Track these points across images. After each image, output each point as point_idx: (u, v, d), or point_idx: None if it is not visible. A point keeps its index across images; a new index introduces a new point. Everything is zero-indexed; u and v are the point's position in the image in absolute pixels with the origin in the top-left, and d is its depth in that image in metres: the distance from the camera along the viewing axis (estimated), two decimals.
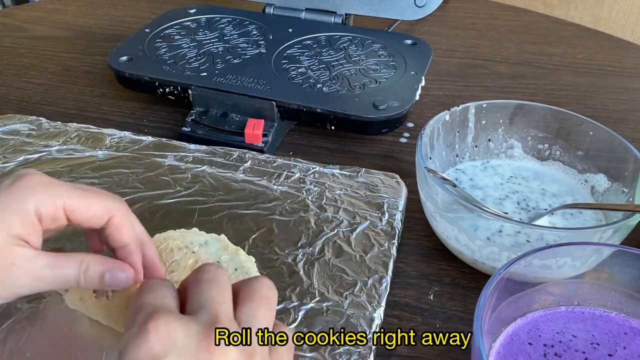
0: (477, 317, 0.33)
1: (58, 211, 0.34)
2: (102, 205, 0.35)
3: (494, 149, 0.57)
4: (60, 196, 0.34)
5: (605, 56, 0.83)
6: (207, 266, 0.32)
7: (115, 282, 0.35)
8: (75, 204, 0.34)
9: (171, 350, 0.26)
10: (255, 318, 0.30)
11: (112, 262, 0.36)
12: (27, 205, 0.33)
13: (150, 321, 0.27)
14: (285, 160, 0.56)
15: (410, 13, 0.74)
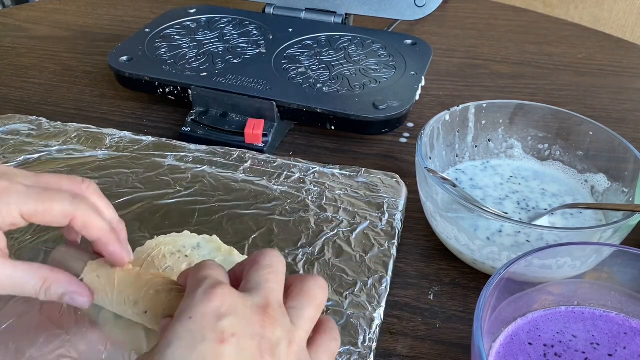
0: (477, 317, 0.33)
1: (15, 218, 0.35)
2: (60, 209, 0.36)
3: (494, 149, 0.57)
4: (15, 204, 0.34)
5: (605, 56, 0.83)
6: (269, 252, 0.33)
7: (74, 303, 0.37)
8: (32, 210, 0.35)
9: (233, 312, 0.29)
10: (301, 313, 0.31)
11: (74, 285, 0.37)
12: None
13: (216, 288, 0.29)
14: (285, 160, 0.56)
15: (410, 13, 0.74)
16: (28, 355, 0.38)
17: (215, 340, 0.27)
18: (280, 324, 0.30)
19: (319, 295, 0.33)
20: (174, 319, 0.29)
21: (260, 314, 0.29)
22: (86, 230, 0.37)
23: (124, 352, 0.38)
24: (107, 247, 0.37)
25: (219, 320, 0.28)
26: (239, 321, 0.28)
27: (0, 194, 0.34)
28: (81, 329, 0.39)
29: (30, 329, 0.39)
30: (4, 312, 0.40)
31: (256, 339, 0.28)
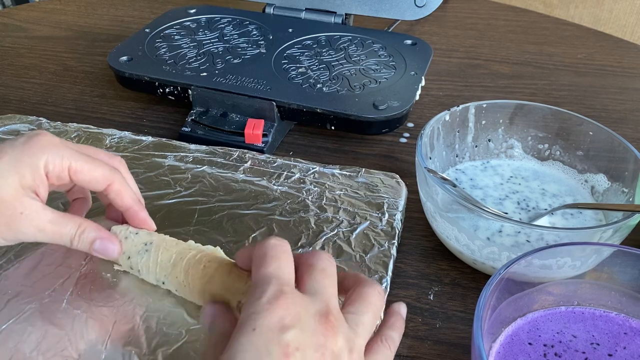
0: (477, 317, 0.33)
1: (64, 171, 0.39)
2: (101, 173, 0.40)
3: (494, 149, 0.57)
4: (67, 157, 0.39)
5: (605, 56, 0.83)
6: (321, 254, 0.34)
7: (103, 250, 0.40)
8: (79, 167, 0.39)
9: (297, 323, 0.29)
10: (360, 319, 0.32)
11: (106, 232, 0.41)
12: (38, 160, 0.38)
13: (281, 297, 0.29)
14: (285, 160, 0.56)
15: (410, 13, 0.74)
16: (28, 355, 0.38)
17: (280, 354, 0.28)
18: (341, 332, 0.30)
19: (377, 302, 0.33)
20: (238, 327, 0.29)
21: (323, 323, 0.30)
22: (120, 198, 0.41)
23: (124, 352, 0.38)
24: (138, 215, 0.42)
25: (283, 333, 0.28)
26: (303, 333, 0.29)
27: (57, 146, 0.39)
28: (81, 329, 0.39)
29: (29, 329, 0.39)
30: (4, 312, 0.40)
31: (320, 350, 0.29)
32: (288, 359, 0.28)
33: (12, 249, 0.45)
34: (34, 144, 0.39)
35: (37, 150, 0.38)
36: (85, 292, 0.42)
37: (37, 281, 0.43)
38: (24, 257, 0.45)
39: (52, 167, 0.39)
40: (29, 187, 0.38)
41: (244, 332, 0.29)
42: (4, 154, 0.38)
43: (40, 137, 0.39)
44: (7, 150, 0.38)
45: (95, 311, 0.41)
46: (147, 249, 0.41)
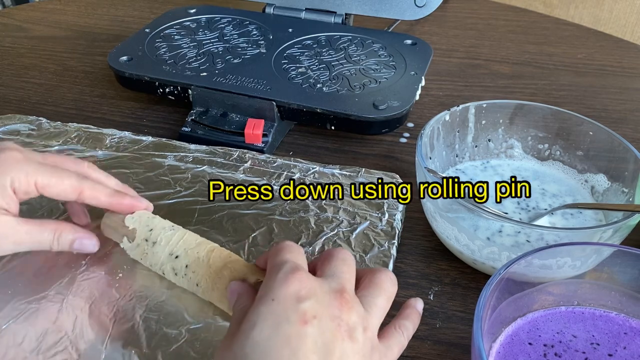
0: (477, 317, 0.33)
1: (30, 186, 0.39)
2: (69, 183, 0.40)
3: (494, 149, 0.57)
4: (32, 174, 0.39)
5: (605, 56, 0.83)
6: (341, 249, 0.36)
7: (83, 248, 0.42)
8: (46, 181, 0.40)
9: (313, 295, 0.30)
10: (374, 301, 0.33)
11: (81, 231, 0.42)
12: (3, 180, 0.39)
13: (296, 272, 0.31)
14: (285, 160, 0.56)
15: (410, 13, 0.74)
16: (28, 355, 0.38)
17: (299, 321, 0.29)
18: (355, 309, 0.31)
19: (390, 287, 0.35)
20: (257, 300, 0.31)
21: (337, 299, 0.31)
22: (96, 199, 0.42)
23: (124, 352, 0.38)
24: (122, 203, 0.42)
25: (300, 303, 0.30)
26: (319, 304, 0.30)
27: (17, 163, 0.39)
28: (81, 329, 0.39)
29: (29, 329, 0.39)
30: (4, 312, 0.40)
31: (335, 321, 0.30)
32: (306, 325, 0.29)
33: None
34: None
35: (2, 169, 0.39)
36: (85, 292, 0.42)
37: (37, 281, 0.43)
38: (24, 257, 0.45)
39: (18, 184, 0.39)
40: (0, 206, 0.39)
41: (264, 302, 0.30)
42: None
43: (6, 155, 0.39)
44: None
45: (95, 311, 0.41)
46: (174, 228, 0.42)
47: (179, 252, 0.41)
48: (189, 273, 0.40)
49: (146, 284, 0.43)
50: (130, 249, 0.43)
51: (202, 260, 0.40)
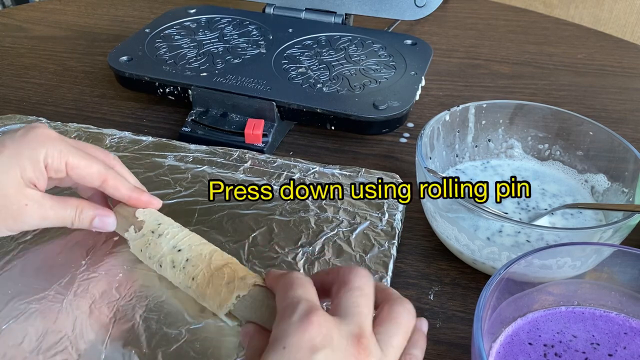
0: (477, 317, 0.33)
1: (61, 164, 0.40)
2: (97, 169, 0.42)
3: (494, 149, 0.57)
4: (65, 152, 0.40)
5: (605, 56, 0.83)
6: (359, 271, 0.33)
7: (103, 225, 0.43)
8: (76, 162, 0.41)
9: (328, 344, 0.28)
10: (390, 341, 0.31)
11: (101, 208, 0.43)
12: (37, 154, 0.39)
13: (312, 315, 0.29)
14: (285, 160, 0.56)
15: (410, 13, 0.74)
16: (28, 355, 0.38)
17: None
18: (373, 355, 0.29)
19: (407, 322, 0.32)
20: (269, 345, 0.29)
21: (355, 345, 0.29)
22: (117, 190, 0.43)
23: (124, 352, 0.38)
24: (140, 200, 0.43)
25: (314, 353, 0.28)
26: (334, 354, 0.28)
27: (52, 140, 0.40)
28: (81, 329, 0.39)
29: (29, 329, 0.39)
30: (4, 312, 0.40)
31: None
32: None
33: (12, 249, 0.45)
34: (33, 137, 0.40)
35: (36, 144, 0.39)
36: (85, 292, 0.42)
37: (37, 281, 0.43)
38: (24, 257, 0.45)
39: (51, 160, 0.40)
40: (29, 179, 0.39)
41: (275, 349, 0.28)
42: (4, 148, 0.39)
43: (38, 130, 0.40)
44: (7, 144, 0.39)
45: (95, 311, 0.41)
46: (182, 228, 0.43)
47: (183, 247, 0.41)
48: (188, 266, 0.40)
49: (146, 284, 0.43)
50: (133, 238, 0.43)
51: (204, 257, 0.40)
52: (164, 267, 0.41)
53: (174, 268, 0.41)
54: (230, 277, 0.38)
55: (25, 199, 0.39)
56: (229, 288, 0.37)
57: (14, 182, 0.39)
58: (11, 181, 0.39)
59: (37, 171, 0.40)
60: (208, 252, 0.40)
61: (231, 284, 0.38)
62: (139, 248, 0.43)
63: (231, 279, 0.38)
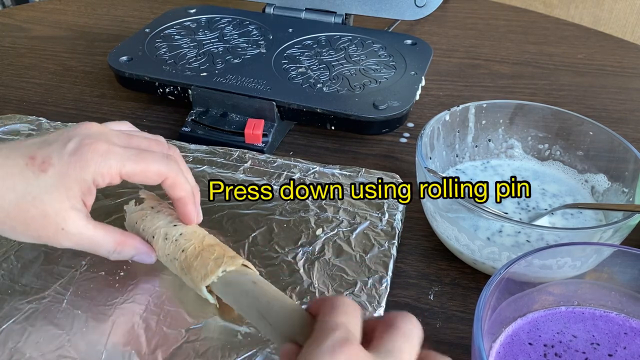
0: (477, 317, 0.33)
1: (114, 178, 0.39)
2: (155, 171, 0.39)
3: (494, 149, 0.57)
4: (115, 166, 0.38)
5: (605, 56, 0.83)
6: (408, 317, 0.30)
7: (141, 261, 0.42)
8: (130, 170, 0.39)
9: None
10: None
11: (142, 247, 0.42)
12: (85, 175, 0.37)
13: (344, 347, 0.27)
14: (285, 160, 0.56)
15: (410, 13, 0.74)
16: (28, 355, 0.38)
17: None
18: None
19: None
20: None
21: None
22: (173, 190, 0.41)
23: (124, 352, 0.38)
24: (185, 207, 0.42)
25: None
26: None
27: (102, 156, 0.38)
28: (81, 329, 0.39)
29: (29, 329, 0.39)
30: (4, 312, 0.40)
31: None
32: None
33: (12, 249, 0.45)
34: (82, 156, 0.37)
35: (84, 164, 0.37)
36: (85, 292, 0.42)
37: (37, 281, 0.43)
38: (24, 257, 0.45)
39: (101, 178, 0.38)
40: (75, 198, 0.38)
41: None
42: (50, 166, 0.37)
43: (89, 146, 0.38)
44: (53, 161, 0.37)
45: (95, 311, 0.41)
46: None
47: (179, 224, 0.42)
48: (180, 240, 0.41)
49: (146, 284, 0.43)
50: (132, 211, 0.44)
51: (198, 234, 0.41)
52: (156, 239, 0.42)
53: (166, 240, 0.41)
54: (220, 253, 0.39)
55: (64, 222, 0.38)
56: (217, 262, 0.38)
57: (56, 203, 0.37)
58: (53, 202, 0.37)
59: (85, 191, 0.38)
60: (202, 232, 0.42)
61: (220, 259, 0.38)
62: (135, 220, 0.43)
63: (221, 255, 0.39)
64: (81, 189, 0.38)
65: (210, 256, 0.39)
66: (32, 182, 0.37)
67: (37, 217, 0.37)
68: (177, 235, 0.41)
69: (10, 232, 0.38)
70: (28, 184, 0.37)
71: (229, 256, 0.39)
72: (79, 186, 0.38)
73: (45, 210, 0.37)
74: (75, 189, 0.37)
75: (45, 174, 0.37)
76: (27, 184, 0.37)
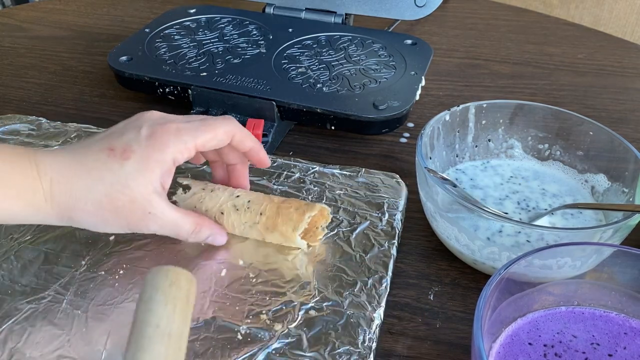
0: (477, 317, 0.33)
1: (190, 152, 0.41)
2: (223, 132, 0.43)
3: (494, 149, 0.57)
4: (190, 140, 0.41)
5: (605, 56, 0.83)
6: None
7: (215, 242, 0.45)
8: (204, 140, 0.42)
9: None
10: None
11: (217, 227, 0.44)
12: (165, 156, 0.40)
13: None
14: (285, 160, 0.56)
15: (410, 13, 0.74)
16: (28, 355, 0.38)
17: None
18: None
19: None
20: None
21: None
22: (243, 143, 0.44)
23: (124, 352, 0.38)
24: (259, 153, 0.46)
25: None
26: None
27: (175, 135, 0.40)
28: (81, 329, 0.39)
29: (29, 329, 0.39)
30: (4, 312, 0.40)
31: None
32: None
33: (12, 249, 0.45)
34: (158, 139, 0.40)
35: (162, 145, 0.40)
36: (85, 292, 0.42)
37: (37, 281, 0.43)
38: (24, 257, 0.45)
39: (180, 156, 0.41)
40: (158, 181, 0.40)
41: None
42: (132, 153, 0.39)
43: (163, 129, 0.40)
44: (134, 148, 0.39)
45: (95, 311, 0.41)
46: None
47: (240, 194, 0.45)
48: (252, 206, 0.44)
49: None
50: (183, 199, 0.46)
51: (263, 198, 0.44)
52: (227, 213, 0.44)
53: (238, 211, 0.44)
54: (297, 205, 0.43)
55: (150, 206, 0.40)
56: (299, 212, 0.42)
57: (142, 188, 0.39)
58: (139, 187, 0.39)
59: (165, 173, 0.40)
60: (264, 195, 0.45)
61: (300, 209, 0.42)
62: (193, 205, 0.45)
63: (299, 205, 0.43)
64: (162, 171, 0.40)
65: (289, 209, 0.42)
66: (117, 171, 0.39)
67: (126, 203, 0.39)
68: (246, 204, 0.44)
69: (102, 224, 0.40)
70: (114, 174, 0.39)
71: (305, 204, 0.44)
72: (160, 168, 0.40)
73: (133, 196, 0.39)
74: (157, 172, 0.40)
75: (129, 161, 0.39)
76: (114, 174, 0.39)
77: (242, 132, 0.44)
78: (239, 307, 0.41)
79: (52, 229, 0.47)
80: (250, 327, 0.40)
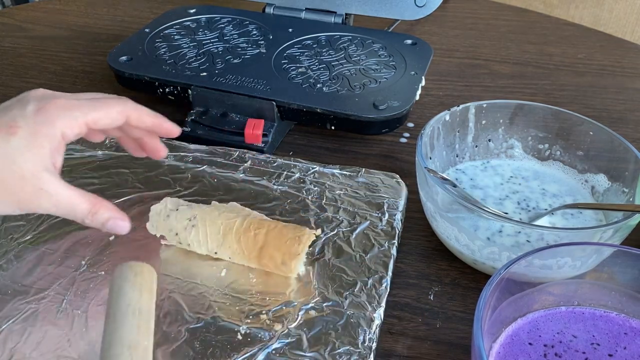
0: (477, 317, 0.33)
1: (81, 128, 0.40)
2: (116, 110, 0.42)
3: (494, 149, 0.57)
4: (81, 116, 0.40)
5: (605, 56, 0.82)
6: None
7: (115, 229, 0.41)
8: (95, 117, 0.40)
9: None
10: None
11: (117, 212, 0.42)
12: (54, 130, 0.38)
13: None
14: (285, 160, 0.56)
15: (410, 13, 0.74)
16: (28, 355, 0.38)
17: None
18: None
19: None
20: None
21: None
22: (141, 121, 0.43)
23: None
24: (162, 126, 0.44)
25: None
26: None
27: (64, 109, 0.39)
28: (81, 329, 0.39)
29: (29, 329, 0.39)
30: (4, 312, 0.40)
31: None
32: None
33: (12, 249, 0.45)
34: (46, 113, 0.38)
35: (51, 120, 0.38)
36: (85, 292, 0.42)
37: (37, 281, 0.43)
38: (24, 257, 0.45)
39: (70, 131, 0.39)
40: (48, 158, 0.38)
41: None
42: (17, 128, 0.37)
43: (50, 102, 0.39)
44: (20, 124, 0.38)
45: (95, 311, 0.41)
46: (193, 223, 0.44)
47: (215, 249, 0.45)
48: (234, 260, 0.44)
49: None
50: None
51: (239, 253, 0.44)
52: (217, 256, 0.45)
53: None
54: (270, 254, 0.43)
55: (41, 182, 0.38)
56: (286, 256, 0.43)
57: (30, 164, 0.37)
58: (27, 163, 0.37)
59: (55, 148, 0.39)
60: (227, 240, 0.44)
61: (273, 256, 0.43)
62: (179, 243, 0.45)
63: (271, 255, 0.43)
64: (51, 146, 0.38)
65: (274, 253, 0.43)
66: (3, 147, 0.37)
67: (15, 180, 0.37)
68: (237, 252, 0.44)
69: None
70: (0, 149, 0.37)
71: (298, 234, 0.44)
72: (49, 144, 0.38)
73: (21, 173, 0.37)
74: (46, 147, 0.38)
75: (15, 137, 0.37)
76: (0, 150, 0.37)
77: (137, 110, 0.43)
78: (239, 307, 0.41)
79: (52, 229, 0.47)
80: (250, 327, 0.40)
